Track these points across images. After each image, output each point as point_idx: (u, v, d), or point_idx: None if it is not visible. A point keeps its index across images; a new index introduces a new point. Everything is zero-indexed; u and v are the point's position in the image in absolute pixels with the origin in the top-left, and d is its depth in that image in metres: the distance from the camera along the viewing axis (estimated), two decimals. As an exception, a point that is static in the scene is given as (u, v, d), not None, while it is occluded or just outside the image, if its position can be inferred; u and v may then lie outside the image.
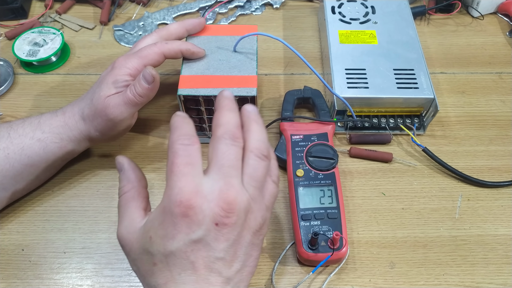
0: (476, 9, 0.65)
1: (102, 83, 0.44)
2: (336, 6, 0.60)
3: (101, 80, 0.44)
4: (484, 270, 0.43)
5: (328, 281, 0.42)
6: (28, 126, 0.44)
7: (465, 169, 0.49)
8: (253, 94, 0.45)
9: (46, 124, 0.44)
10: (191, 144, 0.33)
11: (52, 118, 0.44)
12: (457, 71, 0.60)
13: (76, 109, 0.45)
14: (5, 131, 0.43)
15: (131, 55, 0.45)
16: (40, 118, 0.45)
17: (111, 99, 0.43)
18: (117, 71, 0.44)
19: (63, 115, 0.45)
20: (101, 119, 0.43)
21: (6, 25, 0.64)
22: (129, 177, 0.36)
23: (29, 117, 0.45)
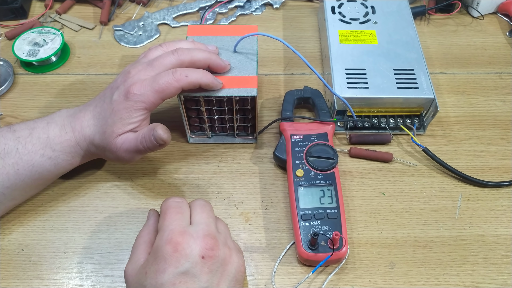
0: (476, 9, 0.65)
1: (116, 114, 0.41)
2: (336, 6, 0.60)
3: (115, 106, 0.42)
4: (484, 270, 0.43)
5: (328, 281, 0.42)
6: (37, 141, 0.42)
7: (465, 169, 0.49)
8: (253, 94, 0.45)
9: (57, 143, 0.43)
10: (182, 201, 0.40)
11: (61, 136, 0.43)
12: (457, 71, 0.60)
13: (87, 131, 0.43)
14: (13, 145, 0.41)
15: (148, 83, 0.42)
16: (48, 132, 0.43)
17: (123, 142, 0.42)
18: (132, 104, 0.41)
19: (72, 132, 0.43)
20: (111, 155, 0.43)
21: (6, 25, 0.64)
22: (150, 228, 0.40)
23: (34, 127, 0.43)
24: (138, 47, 0.62)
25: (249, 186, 0.49)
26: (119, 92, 0.42)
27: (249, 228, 0.46)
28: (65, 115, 0.44)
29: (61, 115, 0.44)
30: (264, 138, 0.53)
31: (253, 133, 0.51)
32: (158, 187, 0.48)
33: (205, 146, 0.52)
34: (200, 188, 0.48)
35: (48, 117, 0.44)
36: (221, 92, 0.45)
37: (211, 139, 0.52)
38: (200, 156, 0.51)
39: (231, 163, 0.50)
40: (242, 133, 0.52)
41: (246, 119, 0.49)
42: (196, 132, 0.52)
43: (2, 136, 0.42)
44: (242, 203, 0.47)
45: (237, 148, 0.52)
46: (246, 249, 0.44)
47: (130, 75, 0.43)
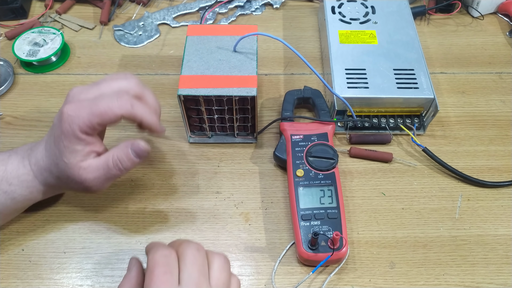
0: (476, 9, 0.65)
1: (58, 142, 0.37)
2: (336, 6, 0.60)
3: (55, 132, 0.38)
4: (484, 270, 0.43)
5: (328, 281, 0.42)
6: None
7: (465, 169, 0.49)
8: (253, 94, 0.45)
9: (14, 176, 0.39)
10: (170, 254, 0.33)
11: (19, 169, 0.40)
12: (457, 71, 0.60)
13: (41, 163, 0.40)
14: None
15: (86, 104, 0.37)
16: (7, 165, 0.40)
17: (88, 173, 0.38)
18: (67, 128, 0.37)
19: (30, 166, 0.40)
20: (77, 186, 0.39)
21: (6, 25, 0.64)
22: (132, 282, 0.34)
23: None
24: (138, 47, 0.62)
25: (249, 186, 0.49)
26: (57, 115, 0.38)
27: (249, 228, 0.46)
28: (27, 147, 0.41)
29: (24, 148, 0.42)
30: (264, 138, 0.53)
31: (253, 133, 0.51)
32: (158, 187, 0.48)
33: (205, 146, 0.52)
34: (200, 188, 0.48)
35: (14, 149, 0.42)
36: (221, 91, 0.45)
37: (211, 139, 0.52)
38: (200, 156, 0.51)
39: (231, 163, 0.50)
40: (242, 133, 0.52)
41: (246, 119, 0.49)
42: (196, 132, 0.52)
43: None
44: (242, 203, 0.47)
45: (237, 148, 0.52)
46: (246, 249, 0.44)
47: (69, 95, 0.39)
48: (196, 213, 0.47)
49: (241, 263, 0.43)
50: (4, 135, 0.53)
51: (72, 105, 0.37)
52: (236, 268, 0.43)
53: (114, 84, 0.39)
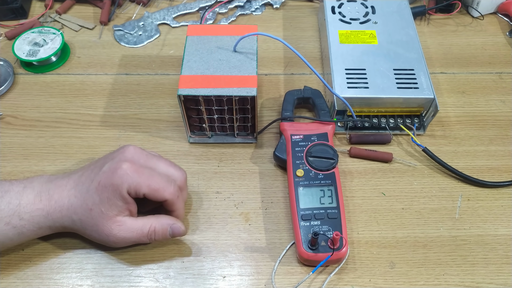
0: (476, 9, 0.65)
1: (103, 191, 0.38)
2: (336, 6, 0.60)
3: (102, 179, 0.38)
4: (484, 270, 0.43)
5: (328, 281, 0.42)
6: (6, 207, 0.38)
7: (465, 169, 0.49)
8: (253, 94, 0.45)
9: (26, 211, 0.38)
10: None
11: (34, 204, 0.39)
12: (457, 71, 0.60)
13: (66, 201, 0.39)
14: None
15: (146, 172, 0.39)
16: (21, 199, 0.39)
17: (120, 230, 0.39)
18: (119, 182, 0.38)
19: (48, 201, 0.39)
20: (96, 235, 0.40)
21: (6, 25, 0.64)
22: None
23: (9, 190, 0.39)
24: (138, 47, 0.62)
25: (249, 186, 0.49)
26: (110, 165, 0.39)
27: (249, 228, 0.46)
28: (45, 180, 0.41)
29: (40, 181, 0.40)
30: (264, 138, 0.53)
31: (253, 133, 0.51)
32: (158, 187, 0.48)
33: (205, 146, 0.52)
34: (200, 188, 0.48)
35: (27, 180, 0.41)
36: (220, 91, 0.45)
37: (211, 139, 0.52)
38: (200, 156, 0.51)
39: (231, 163, 0.50)
40: (242, 133, 0.52)
41: (246, 119, 0.49)
42: (196, 132, 0.52)
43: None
44: (242, 203, 0.47)
45: (237, 148, 0.52)
46: (246, 249, 0.44)
47: (128, 152, 0.40)
48: (196, 213, 0.47)
49: (241, 263, 0.43)
50: (4, 135, 0.53)
51: (132, 166, 0.39)
52: (236, 268, 0.43)
53: (170, 169, 0.42)
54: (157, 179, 0.39)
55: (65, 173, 0.42)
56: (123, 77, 0.59)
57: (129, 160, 0.39)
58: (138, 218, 0.41)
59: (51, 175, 0.42)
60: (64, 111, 0.55)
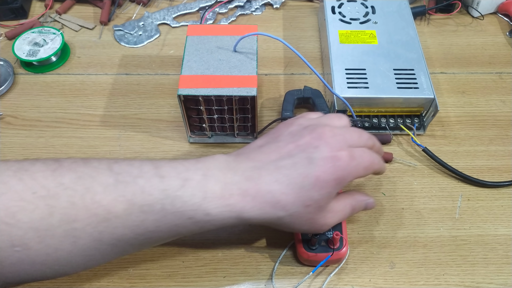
0: (476, 9, 0.65)
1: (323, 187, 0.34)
2: (336, 6, 0.60)
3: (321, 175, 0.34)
4: (484, 270, 0.43)
5: (328, 281, 0.42)
6: (190, 199, 0.33)
7: (465, 169, 0.49)
8: (253, 94, 0.45)
9: (214, 207, 0.34)
10: None
11: (223, 198, 0.34)
12: (457, 71, 0.60)
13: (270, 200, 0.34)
14: (159, 198, 0.33)
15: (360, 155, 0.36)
16: (206, 190, 0.34)
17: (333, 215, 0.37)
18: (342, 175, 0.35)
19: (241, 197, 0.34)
20: (309, 228, 0.37)
21: (6, 25, 0.64)
22: None
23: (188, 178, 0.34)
24: (138, 47, 0.62)
25: (249, 186, 0.49)
26: (323, 156, 0.35)
27: (249, 228, 0.46)
28: (224, 167, 0.36)
29: (219, 167, 0.35)
30: (264, 138, 0.53)
31: (253, 133, 0.51)
32: (158, 187, 0.48)
33: (205, 146, 0.52)
34: (200, 188, 0.48)
35: (202, 163, 0.36)
36: (220, 91, 0.45)
37: (211, 139, 0.52)
38: (200, 156, 0.51)
39: (231, 163, 0.50)
40: (242, 132, 0.52)
41: (246, 119, 0.49)
42: (196, 132, 0.52)
43: (148, 182, 0.33)
44: (242, 203, 0.47)
45: (237, 148, 0.52)
46: (246, 249, 0.44)
47: (327, 135, 0.36)
48: (196, 213, 0.47)
49: (241, 263, 0.43)
50: (4, 135, 0.53)
51: (349, 153, 0.35)
52: (236, 268, 0.43)
53: (361, 138, 0.38)
54: (365, 156, 0.37)
55: (239, 155, 0.37)
56: (123, 77, 0.59)
57: (341, 147, 0.35)
58: (338, 198, 0.38)
59: (226, 157, 0.37)
60: (64, 111, 0.55)
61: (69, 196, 0.31)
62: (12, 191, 0.30)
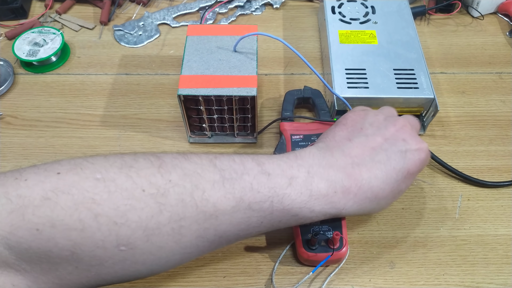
0: (476, 9, 0.65)
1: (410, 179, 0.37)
2: (336, 6, 0.60)
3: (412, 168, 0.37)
4: (484, 270, 0.43)
5: (328, 281, 0.42)
6: (298, 197, 0.34)
7: (465, 169, 0.49)
8: (253, 94, 0.45)
9: (319, 204, 0.34)
10: None
11: (328, 196, 0.34)
12: (457, 71, 0.60)
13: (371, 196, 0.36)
14: (268, 195, 0.33)
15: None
16: (311, 187, 0.34)
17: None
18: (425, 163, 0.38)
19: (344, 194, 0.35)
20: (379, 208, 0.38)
21: (6, 25, 0.64)
22: None
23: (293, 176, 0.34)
24: (138, 47, 0.62)
25: (249, 186, 0.49)
26: (412, 149, 0.37)
27: (249, 228, 0.46)
28: (326, 164, 0.36)
29: (320, 163, 0.36)
30: (264, 138, 0.53)
31: (253, 133, 0.51)
32: (158, 187, 0.48)
33: (205, 146, 0.52)
34: (200, 188, 0.48)
35: (301, 159, 0.36)
36: (220, 91, 0.45)
37: (211, 139, 0.52)
38: (200, 156, 0.51)
39: (231, 163, 0.50)
40: (242, 133, 0.52)
41: (246, 119, 0.49)
42: (196, 132, 0.52)
43: (255, 179, 0.33)
44: (242, 203, 0.47)
45: (237, 148, 0.52)
46: (246, 249, 0.44)
47: (406, 127, 0.38)
48: (196, 213, 0.47)
49: (241, 263, 0.43)
50: (4, 135, 0.53)
51: (426, 151, 0.38)
52: (236, 268, 0.43)
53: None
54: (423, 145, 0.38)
55: (333, 149, 0.37)
56: (123, 77, 0.59)
57: (419, 139, 0.38)
58: None
59: (324, 152, 0.37)
60: (64, 111, 0.55)
61: (179, 194, 0.30)
62: (121, 189, 0.29)
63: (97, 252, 0.29)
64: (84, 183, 0.29)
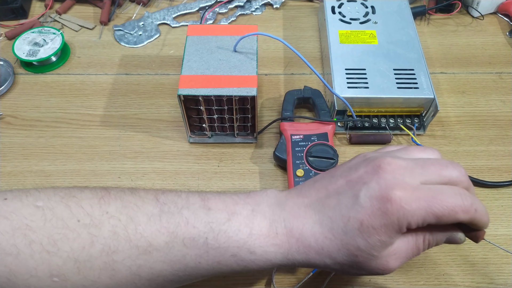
0: (476, 9, 0.65)
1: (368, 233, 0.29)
2: (336, 6, 0.60)
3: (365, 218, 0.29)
4: (484, 270, 0.43)
5: (328, 281, 0.42)
6: (234, 235, 0.31)
7: (465, 169, 0.49)
8: (253, 94, 0.45)
9: (259, 245, 0.30)
10: None
11: (269, 238, 0.31)
12: (457, 71, 0.60)
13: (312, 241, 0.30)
14: (203, 231, 0.30)
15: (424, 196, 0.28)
16: (252, 226, 0.31)
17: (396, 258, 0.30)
18: (393, 221, 0.28)
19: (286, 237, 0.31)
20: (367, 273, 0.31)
21: (6, 25, 0.64)
22: None
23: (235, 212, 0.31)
24: (138, 47, 0.62)
25: (249, 186, 0.49)
26: (371, 195, 0.29)
27: (249, 228, 0.46)
28: (274, 202, 0.33)
29: (269, 203, 0.32)
30: (264, 138, 0.53)
31: (253, 133, 0.51)
32: (158, 187, 0.48)
33: (205, 146, 0.52)
34: (200, 188, 0.48)
35: (252, 199, 0.33)
36: (220, 91, 0.45)
37: (211, 139, 0.52)
38: (200, 156, 0.51)
39: (231, 163, 0.50)
40: (242, 132, 0.52)
41: (246, 119, 0.49)
42: (196, 132, 0.52)
43: (193, 214, 0.31)
44: (242, 203, 0.47)
45: (237, 148, 0.52)
46: (246, 249, 0.44)
47: (384, 169, 0.30)
48: (196, 213, 0.47)
49: (241, 263, 0.43)
50: (4, 135, 0.53)
51: (406, 194, 0.28)
52: (236, 268, 0.43)
53: (444, 171, 0.30)
54: (440, 199, 0.28)
55: (292, 190, 0.34)
56: (123, 77, 0.59)
57: (395, 184, 0.29)
58: (408, 234, 0.30)
59: (278, 192, 0.34)
60: (64, 111, 0.55)
61: (112, 226, 0.29)
62: (57, 218, 0.29)
63: (31, 281, 0.28)
64: (24, 210, 0.29)
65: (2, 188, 0.48)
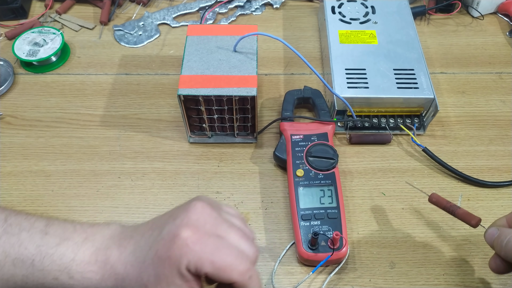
0: (476, 9, 0.65)
1: (159, 266, 0.30)
2: (336, 6, 0.60)
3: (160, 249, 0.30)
4: (484, 270, 0.43)
5: (328, 281, 0.42)
6: (59, 259, 0.32)
7: (465, 169, 0.49)
8: (253, 94, 0.45)
9: (78, 271, 0.31)
10: None
11: (89, 264, 0.32)
12: (457, 71, 0.60)
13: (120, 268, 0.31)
14: (33, 253, 0.32)
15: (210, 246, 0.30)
16: (77, 252, 0.32)
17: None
18: (177, 255, 0.29)
19: (103, 264, 0.32)
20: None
21: (6, 25, 0.64)
22: None
23: (68, 238, 0.32)
24: (138, 47, 0.62)
25: (249, 186, 0.49)
26: (170, 229, 0.31)
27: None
28: (110, 234, 0.33)
29: (105, 234, 0.33)
30: (264, 138, 0.53)
31: (253, 133, 0.51)
32: (158, 187, 0.48)
33: (205, 146, 0.52)
34: (200, 188, 0.48)
35: (94, 227, 0.34)
36: (220, 91, 0.45)
37: (211, 139, 0.52)
38: (200, 156, 0.51)
39: (231, 163, 0.50)
40: (242, 132, 0.52)
41: (246, 119, 0.49)
42: (196, 132, 0.52)
43: (30, 236, 0.32)
44: (242, 203, 0.47)
45: (237, 148, 0.52)
46: (246, 249, 0.44)
47: (195, 209, 0.32)
48: (196, 213, 0.47)
49: (241, 263, 0.43)
50: (4, 135, 0.53)
51: (194, 235, 0.30)
52: (236, 268, 0.43)
53: (242, 243, 0.32)
54: (224, 253, 0.30)
55: (140, 224, 0.34)
56: (123, 77, 0.59)
57: (192, 224, 0.30)
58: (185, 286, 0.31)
59: (124, 226, 0.34)
60: (64, 111, 0.55)
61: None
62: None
63: None
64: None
65: (2, 188, 0.48)
